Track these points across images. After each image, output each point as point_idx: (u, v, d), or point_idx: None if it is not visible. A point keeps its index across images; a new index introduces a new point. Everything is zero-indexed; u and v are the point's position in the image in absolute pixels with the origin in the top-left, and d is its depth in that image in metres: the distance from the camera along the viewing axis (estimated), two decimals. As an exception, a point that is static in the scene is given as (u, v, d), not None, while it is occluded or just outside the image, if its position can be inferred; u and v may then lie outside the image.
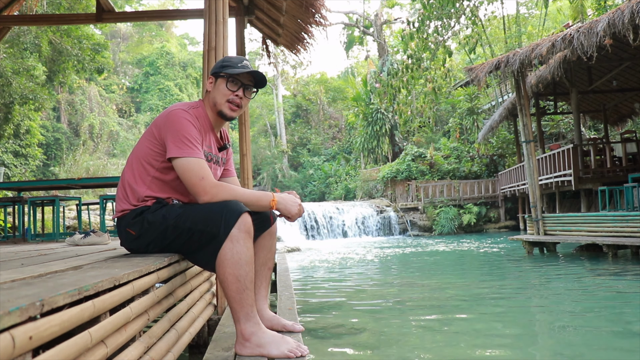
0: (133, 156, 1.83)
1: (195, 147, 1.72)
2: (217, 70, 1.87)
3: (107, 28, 25.17)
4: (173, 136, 1.71)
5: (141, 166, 1.79)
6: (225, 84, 1.84)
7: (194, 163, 1.69)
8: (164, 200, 1.79)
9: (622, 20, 6.40)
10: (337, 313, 3.91)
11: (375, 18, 26.90)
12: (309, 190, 27.45)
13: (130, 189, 1.79)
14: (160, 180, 1.79)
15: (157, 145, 1.77)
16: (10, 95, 11.09)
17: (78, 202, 6.09)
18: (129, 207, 1.79)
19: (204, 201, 1.69)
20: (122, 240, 1.85)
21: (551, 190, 11.80)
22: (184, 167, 1.69)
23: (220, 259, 1.58)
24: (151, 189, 1.78)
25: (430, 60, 14.46)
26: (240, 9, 5.22)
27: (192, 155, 1.70)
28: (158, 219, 1.71)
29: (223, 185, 1.72)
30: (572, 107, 10.89)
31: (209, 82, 1.90)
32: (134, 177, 1.79)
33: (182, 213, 1.69)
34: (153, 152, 1.77)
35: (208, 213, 1.63)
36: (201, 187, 1.68)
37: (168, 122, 1.74)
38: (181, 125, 1.72)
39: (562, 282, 5.20)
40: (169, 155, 1.71)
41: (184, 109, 1.78)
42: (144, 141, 1.81)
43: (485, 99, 19.98)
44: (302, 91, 34.02)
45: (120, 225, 1.81)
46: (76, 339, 0.91)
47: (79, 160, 18.76)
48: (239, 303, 1.59)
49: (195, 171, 1.68)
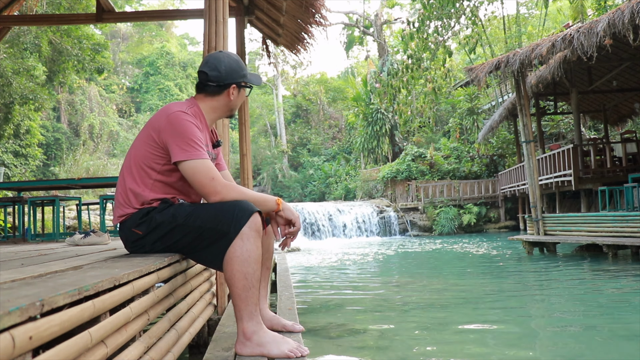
0: (131, 161, 1.81)
1: (201, 148, 1.72)
2: (241, 80, 1.90)
3: (107, 28, 25.17)
4: (178, 139, 1.70)
5: (142, 170, 1.77)
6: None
7: (203, 164, 1.70)
8: (169, 200, 1.78)
9: (622, 20, 6.40)
10: (337, 313, 3.91)
11: (375, 18, 26.89)
12: (309, 190, 27.44)
13: (133, 194, 1.77)
14: (163, 182, 1.79)
15: (158, 148, 1.75)
16: (10, 95, 11.09)
17: (78, 202, 6.09)
18: (131, 210, 1.77)
19: (214, 201, 1.70)
20: (126, 241, 1.83)
21: (551, 190, 11.81)
22: (193, 170, 1.69)
23: (229, 256, 1.59)
24: (155, 191, 1.78)
25: (430, 60, 14.45)
26: (240, 9, 5.22)
27: (199, 157, 1.70)
28: (167, 218, 1.71)
29: (232, 185, 1.74)
30: (572, 107, 10.89)
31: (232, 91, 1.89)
32: (136, 182, 1.78)
33: (192, 212, 1.69)
34: (154, 156, 1.76)
35: (219, 211, 1.64)
36: (212, 188, 1.69)
37: (170, 125, 1.72)
38: (184, 128, 1.71)
39: (562, 282, 5.20)
40: (175, 159, 1.70)
41: (183, 110, 1.76)
42: (142, 145, 1.78)
43: (485, 99, 19.98)
44: (302, 91, 34.01)
45: (124, 228, 1.80)
46: (76, 339, 0.91)
47: (79, 160, 18.75)
48: (244, 301, 1.60)
49: (204, 172, 1.69)
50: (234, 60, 1.91)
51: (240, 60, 1.94)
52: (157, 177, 1.77)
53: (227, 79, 1.87)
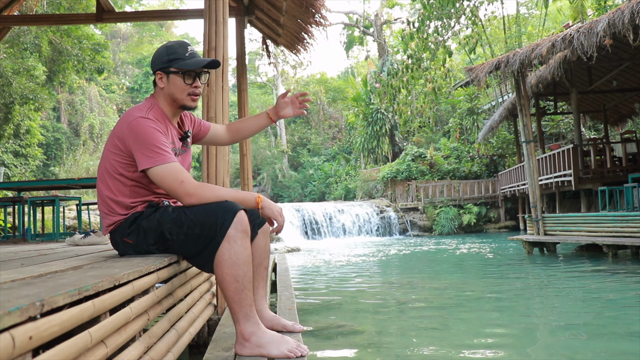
0: (102, 171, 1.77)
1: (166, 152, 1.67)
2: (165, 65, 1.77)
3: (107, 28, 25.16)
4: (140, 147, 1.65)
5: (115, 179, 1.74)
6: (183, 80, 1.78)
7: (169, 169, 1.65)
8: (154, 202, 1.76)
9: (622, 20, 6.40)
10: (337, 313, 3.91)
11: (375, 18, 26.89)
12: (309, 190, 27.44)
13: (114, 202, 1.75)
14: (139, 186, 1.76)
15: (125, 157, 1.71)
16: (11, 95, 11.10)
17: (78, 202, 6.10)
18: (119, 218, 1.75)
19: (189, 203, 1.65)
20: (121, 252, 1.81)
21: (551, 190, 11.81)
22: (160, 176, 1.65)
23: (218, 260, 1.57)
24: (133, 196, 1.75)
25: (430, 60, 14.45)
26: (240, 9, 5.22)
27: (165, 161, 1.65)
28: (153, 225, 1.69)
29: (205, 185, 1.70)
30: (572, 107, 10.89)
31: (158, 77, 1.81)
32: (112, 192, 1.75)
33: (176, 218, 1.66)
34: (123, 164, 1.72)
35: (203, 216, 1.60)
36: (183, 191, 1.64)
37: (132, 133, 1.67)
38: (146, 135, 1.66)
39: (562, 282, 5.20)
40: (141, 167, 1.66)
41: (143, 116, 1.70)
42: (110, 154, 1.74)
43: (485, 99, 19.98)
44: (302, 91, 33.97)
45: (116, 238, 1.78)
46: (76, 339, 0.91)
47: (79, 160, 18.76)
48: (238, 303, 1.58)
49: (172, 176, 1.64)
50: (164, 47, 1.81)
51: (177, 47, 1.80)
52: (132, 184, 1.75)
53: (153, 67, 1.83)
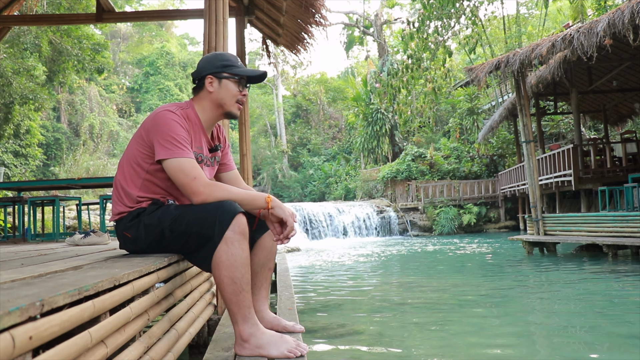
0: (124, 159, 1.82)
1: (185, 147, 1.69)
2: (220, 70, 1.84)
3: (107, 28, 25.17)
4: (161, 138, 1.68)
5: (132, 169, 1.78)
6: (237, 86, 1.83)
7: (185, 163, 1.67)
8: (159, 201, 1.78)
9: (622, 20, 6.40)
10: (337, 313, 3.91)
11: (375, 18, 26.89)
12: (309, 190, 27.44)
13: (124, 191, 1.79)
14: (151, 182, 1.78)
15: (146, 147, 1.75)
16: (10, 95, 11.09)
17: (78, 202, 6.09)
18: (125, 209, 1.78)
19: (198, 201, 1.66)
20: (121, 243, 1.85)
21: (551, 190, 11.80)
22: (175, 168, 1.67)
23: (216, 261, 1.57)
24: (143, 190, 1.77)
25: (430, 60, 14.46)
26: (240, 9, 5.22)
27: (182, 155, 1.67)
28: (154, 222, 1.70)
29: (217, 184, 1.70)
30: (572, 107, 10.89)
31: (208, 81, 1.84)
32: (126, 180, 1.79)
33: (177, 215, 1.67)
34: (142, 155, 1.76)
35: (202, 215, 1.61)
36: (194, 187, 1.65)
37: (155, 124, 1.72)
38: (168, 127, 1.70)
39: (562, 282, 5.20)
40: (158, 157, 1.68)
41: (171, 110, 1.76)
42: (133, 143, 1.80)
43: (485, 99, 19.98)
44: (302, 91, 34.01)
45: (118, 228, 1.81)
46: (76, 339, 0.91)
47: (79, 160, 18.74)
48: (235, 305, 1.58)
49: (186, 171, 1.66)
50: (214, 55, 1.88)
51: (229, 56, 1.88)
52: (146, 177, 1.77)
53: (202, 71, 1.85)
